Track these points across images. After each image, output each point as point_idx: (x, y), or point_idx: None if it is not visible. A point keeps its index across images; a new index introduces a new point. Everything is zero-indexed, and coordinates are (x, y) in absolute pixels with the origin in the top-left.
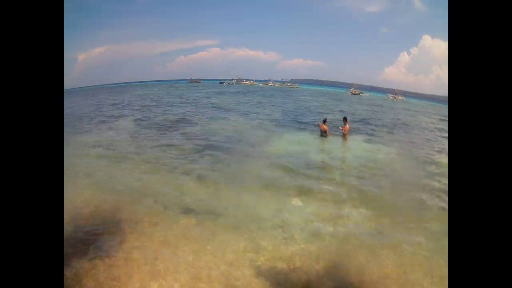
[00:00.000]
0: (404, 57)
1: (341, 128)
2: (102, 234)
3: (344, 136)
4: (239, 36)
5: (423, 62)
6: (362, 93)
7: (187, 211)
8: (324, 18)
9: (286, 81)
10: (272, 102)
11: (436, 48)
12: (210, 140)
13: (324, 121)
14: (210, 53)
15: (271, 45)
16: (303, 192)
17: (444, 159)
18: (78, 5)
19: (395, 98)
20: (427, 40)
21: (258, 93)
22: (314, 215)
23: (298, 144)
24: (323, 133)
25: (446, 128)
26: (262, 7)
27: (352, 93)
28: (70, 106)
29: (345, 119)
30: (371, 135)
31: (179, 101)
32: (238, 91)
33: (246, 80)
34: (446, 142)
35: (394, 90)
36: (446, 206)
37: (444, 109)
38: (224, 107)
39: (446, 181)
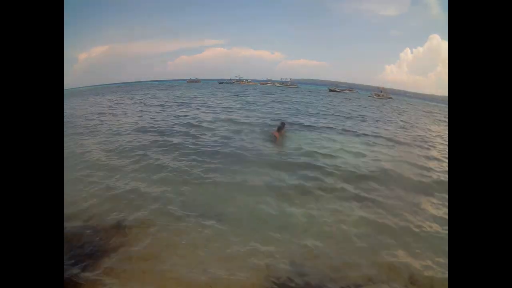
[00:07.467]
0: (407, 55)
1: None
2: (102, 236)
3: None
4: (245, 36)
5: (428, 61)
6: (336, 90)
7: (188, 212)
8: (335, 19)
9: (286, 81)
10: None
11: (443, 47)
12: (211, 141)
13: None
14: (214, 52)
15: (278, 45)
16: (304, 192)
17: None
18: (79, 3)
19: (379, 95)
20: (435, 39)
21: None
22: (315, 215)
23: (300, 143)
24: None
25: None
26: (272, 8)
27: (331, 90)
28: (70, 106)
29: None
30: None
31: (179, 101)
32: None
33: (244, 79)
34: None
35: (378, 87)
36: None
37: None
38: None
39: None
